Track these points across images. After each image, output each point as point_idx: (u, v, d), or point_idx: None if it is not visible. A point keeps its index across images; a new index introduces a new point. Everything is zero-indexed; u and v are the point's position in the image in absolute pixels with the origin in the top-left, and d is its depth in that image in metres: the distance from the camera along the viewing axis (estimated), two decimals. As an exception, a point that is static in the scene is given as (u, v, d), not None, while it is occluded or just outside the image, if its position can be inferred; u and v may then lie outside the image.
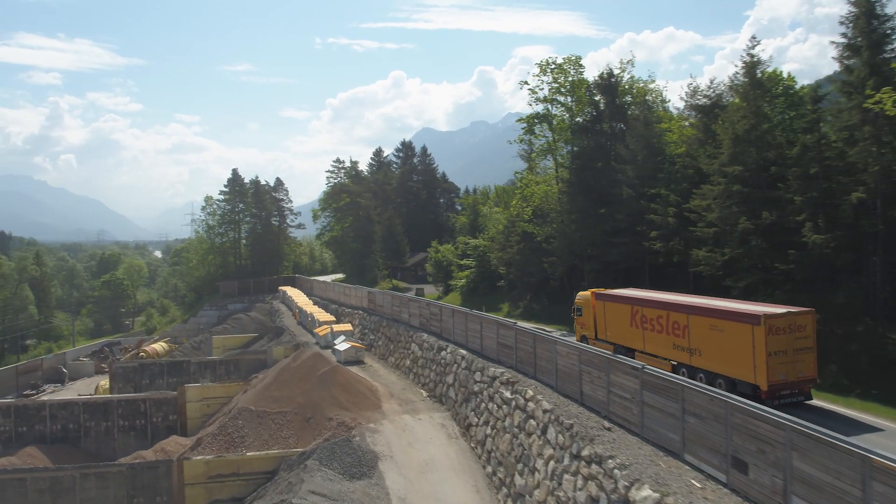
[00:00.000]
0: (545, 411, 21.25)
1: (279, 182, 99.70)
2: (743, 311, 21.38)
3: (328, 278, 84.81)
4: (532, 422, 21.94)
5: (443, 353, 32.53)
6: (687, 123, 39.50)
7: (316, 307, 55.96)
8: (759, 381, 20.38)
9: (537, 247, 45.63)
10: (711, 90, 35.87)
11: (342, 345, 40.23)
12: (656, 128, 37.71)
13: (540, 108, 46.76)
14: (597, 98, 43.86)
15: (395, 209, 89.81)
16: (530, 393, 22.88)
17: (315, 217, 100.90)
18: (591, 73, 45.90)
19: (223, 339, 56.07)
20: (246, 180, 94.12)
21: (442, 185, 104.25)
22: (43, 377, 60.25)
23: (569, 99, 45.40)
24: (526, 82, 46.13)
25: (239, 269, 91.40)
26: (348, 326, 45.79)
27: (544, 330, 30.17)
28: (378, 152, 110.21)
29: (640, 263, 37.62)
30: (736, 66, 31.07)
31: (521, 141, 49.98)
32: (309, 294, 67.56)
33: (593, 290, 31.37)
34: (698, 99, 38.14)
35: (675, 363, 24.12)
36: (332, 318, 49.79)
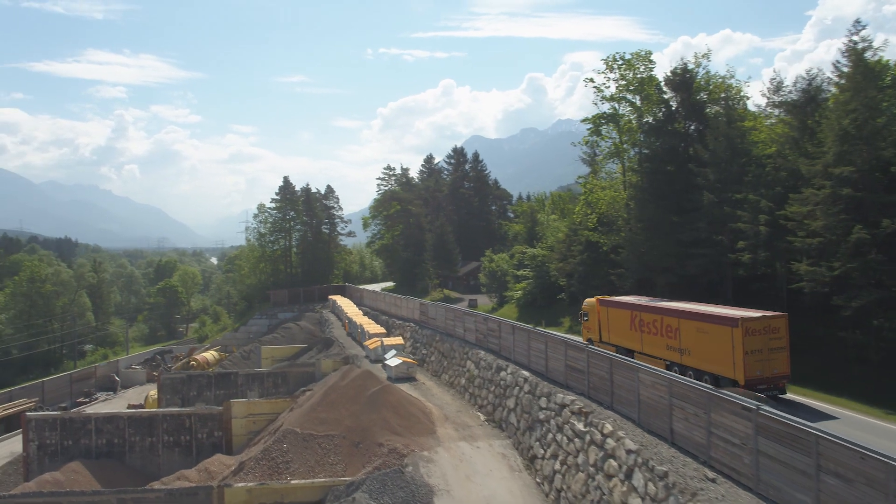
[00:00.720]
0: (629, 452, 18.22)
1: (330, 190, 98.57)
2: (724, 315, 23.81)
3: (378, 287, 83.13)
4: (613, 462, 18.92)
5: (502, 373, 29.76)
6: (771, 121, 35.63)
7: (366, 318, 54.10)
8: (737, 377, 22.69)
9: (603, 257, 42.27)
10: (807, 82, 31.91)
11: (393, 360, 38.07)
12: (740, 126, 33.92)
13: (606, 107, 43.38)
14: (667, 96, 40.29)
15: (447, 217, 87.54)
16: (608, 427, 19.88)
17: (365, 225, 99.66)
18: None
19: (272, 349, 54.82)
20: (297, 188, 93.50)
21: (494, 191, 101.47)
22: (96, 385, 60.58)
23: (637, 97, 41.86)
24: (591, 79, 42.67)
25: (289, 277, 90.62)
26: (399, 340, 43.61)
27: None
28: (429, 159, 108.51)
29: (722, 277, 33.89)
30: (842, 53, 27.20)
31: (587, 143, 46.63)
32: (359, 304, 65.89)
33: (598, 297, 34.10)
34: (783, 94, 34.36)
35: (669, 362, 26.37)
36: (383, 329, 47.76)
